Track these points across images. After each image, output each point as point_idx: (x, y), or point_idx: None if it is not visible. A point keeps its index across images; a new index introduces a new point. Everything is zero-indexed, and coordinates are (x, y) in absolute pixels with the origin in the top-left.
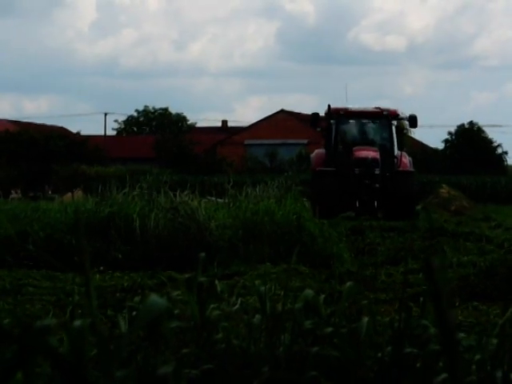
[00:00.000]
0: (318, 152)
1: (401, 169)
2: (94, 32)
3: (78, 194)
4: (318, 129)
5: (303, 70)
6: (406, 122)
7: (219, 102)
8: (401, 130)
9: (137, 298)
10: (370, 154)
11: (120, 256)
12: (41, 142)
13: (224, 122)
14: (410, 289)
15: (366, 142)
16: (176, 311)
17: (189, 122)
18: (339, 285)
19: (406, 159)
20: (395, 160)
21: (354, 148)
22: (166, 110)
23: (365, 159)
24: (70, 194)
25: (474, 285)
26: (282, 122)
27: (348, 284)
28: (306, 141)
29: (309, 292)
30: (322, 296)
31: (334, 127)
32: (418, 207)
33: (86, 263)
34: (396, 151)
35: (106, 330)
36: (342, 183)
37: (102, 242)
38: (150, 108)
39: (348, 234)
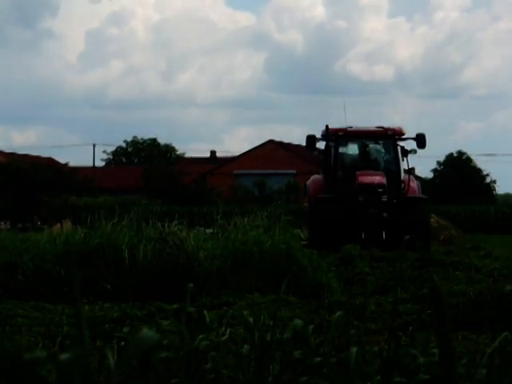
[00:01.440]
0: (315, 178)
1: (409, 195)
2: (82, 63)
3: (67, 224)
4: (315, 152)
5: (291, 100)
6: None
7: (208, 133)
8: (406, 151)
9: (126, 329)
10: (376, 179)
11: (109, 287)
12: (29, 173)
13: (213, 153)
14: (399, 318)
15: (369, 166)
16: (165, 341)
17: (177, 153)
18: (328, 315)
19: (414, 184)
20: (402, 185)
21: (358, 173)
22: (154, 140)
23: (370, 185)
24: (59, 225)
25: (464, 314)
26: (271, 152)
27: (337, 314)
28: (294, 171)
29: (298, 322)
30: (311, 326)
31: (332, 150)
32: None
33: (76, 294)
34: (402, 175)
35: (95, 361)
36: (345, 212)
37: (91, 273)
38: (139, 139)
39: (337, 264)
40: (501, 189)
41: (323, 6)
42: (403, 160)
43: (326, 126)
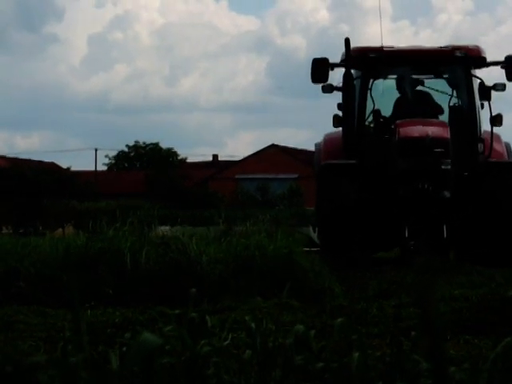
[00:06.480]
0: (329, 136)
1: (492, 159)
2: (85, 67)
3: (69, 229)
4: (327, 89)
5: (294, 104)
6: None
7: (210, 137)
8: (488, 87)
9: (128, 334)
10: (431, 130)
11: (111, 291)
12: (31, 178)
13: (215, 157)
14: (401, 323)
15: (421, 112)
16: (167, 347)
17: (180, 157)
18: (331, 319)
19: (501, 144)
20: (480, 146)
21: (398, 122)
22: (156, 144)
23: (420, 141)
24: (60, 230)
25: (466, 318)
26: (273, 156)
27: (339, 319)
28: (296, 175)
29: (300, 327)
30: (313, 331)
31: (358, 84)
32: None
33: (74, 300)
34: (482, 129)
35: (98, 366)
36: (374, 190)
37: (93, 278)
38: (141, 143)
39: (339, 268)
40: None
41: (326, 10)
42: (482, 104)
43: (346, 41)
